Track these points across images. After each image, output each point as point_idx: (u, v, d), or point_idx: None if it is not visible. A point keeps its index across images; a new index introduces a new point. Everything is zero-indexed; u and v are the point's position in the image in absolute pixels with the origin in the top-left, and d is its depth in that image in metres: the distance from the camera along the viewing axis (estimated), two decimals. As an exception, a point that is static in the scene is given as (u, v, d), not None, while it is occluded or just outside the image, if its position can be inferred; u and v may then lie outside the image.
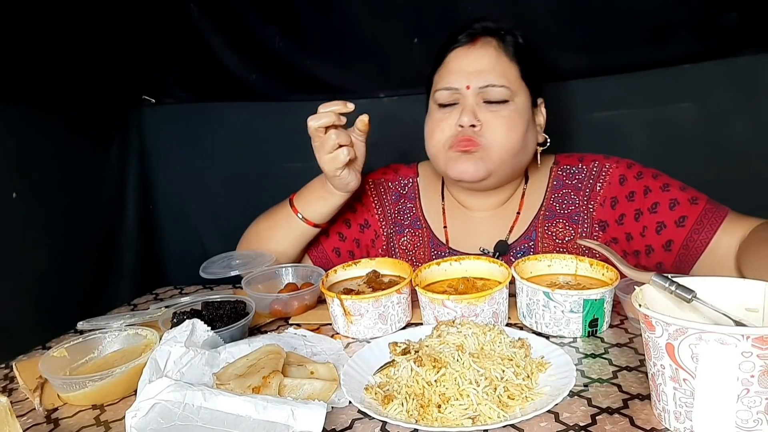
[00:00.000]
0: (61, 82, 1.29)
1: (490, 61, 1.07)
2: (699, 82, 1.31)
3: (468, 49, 1.09)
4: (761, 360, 0.55)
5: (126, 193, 1.54)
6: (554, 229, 1.14)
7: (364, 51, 1.44)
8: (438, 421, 0.66)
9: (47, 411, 0.79)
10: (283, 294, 1.06)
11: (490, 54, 1.08)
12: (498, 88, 1.05)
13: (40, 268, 1.22)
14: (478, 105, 1.07)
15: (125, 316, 1.10)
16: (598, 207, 1.12)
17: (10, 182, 1.15)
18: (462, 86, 1.07)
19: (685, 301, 0.68)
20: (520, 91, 1.08)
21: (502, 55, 1.08)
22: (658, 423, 0.64)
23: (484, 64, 1.07)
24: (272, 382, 0.72)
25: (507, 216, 1.19)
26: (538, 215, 1.16)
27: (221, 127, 1.58)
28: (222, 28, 1.46)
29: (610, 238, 1.11)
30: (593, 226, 1.13)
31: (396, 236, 1.25)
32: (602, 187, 1.13)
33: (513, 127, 1.06)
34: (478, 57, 1.08)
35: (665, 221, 1.03)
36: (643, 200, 1.06)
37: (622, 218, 1.09)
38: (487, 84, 1.05)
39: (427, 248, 1.22)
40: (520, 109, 1.08)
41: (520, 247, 1.16)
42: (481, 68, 1.07)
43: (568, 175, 1.17)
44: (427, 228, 1.23)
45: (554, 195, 1.17)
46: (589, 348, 0.84)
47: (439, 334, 0.81)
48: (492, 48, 1.08)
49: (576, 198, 1.15)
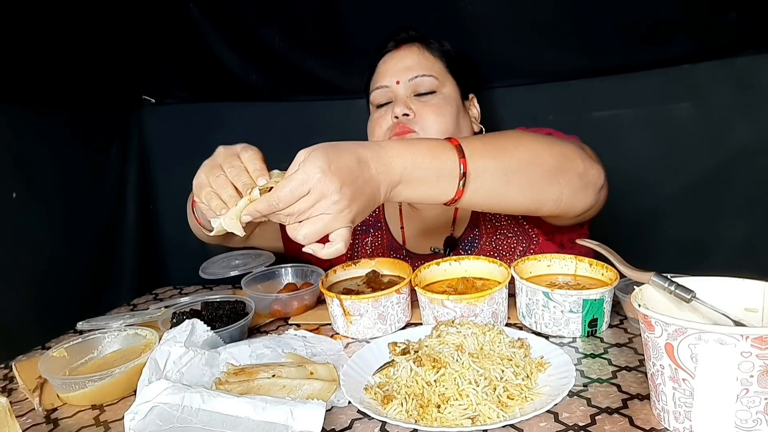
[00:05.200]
0: (61, 82, 1.29)
1: (416, 57, 1.15)
2: (699, 82, 1.31)
3: (395, 52, 1.18)
4: (760, 360, 0.55)
5: (126, 193, 1.54)
6: (492, 214, 1.17)
7: (364, 51, 1.43)
8: (437, 421, 0.66)
9: (47, 411, 0.79)
10: (283, 294, 1.06)
11: (414, 52, 1.16)
12: (425, 77, 1.13)
13: (40, 268, 1.22)
14: (410, 98, 1.13)
15: (125, 316, 1.10)
16: None
17: (10, 182, 1.15)
18: (392, 83, 1.14)
19: (685, 301, 0.68)
20: (447, 82, 1.16)
21: (426, 52, 1.17)
22: (657, 423, 0.64)
23: (410, 61, 1.15)
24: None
25: (450, 210, 1.21)
26: None
27: (221, 127, 1.58)
28: (222, 28, 1.46)
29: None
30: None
31: (361, 236, 1.26)
32: None
33: (443, 113, 1.12)
34: (404, 56, 1.16)
35: None
36: None
37: None
38: (415, 75, 1.13)
39: (386, 250, 1.23)
40: (449, 98, 1.14)
41: (467, 238, 1.17)
42: (408, 64, 1.15)
43: None
44: (386, 230, 1.25)
45: None
46: (588, 348, 0.84)
47: (438, 334, 0.81)
48: (416, 47, 1.17)
49: None
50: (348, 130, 1.54)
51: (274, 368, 0.79)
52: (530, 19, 1.27)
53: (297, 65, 1.47)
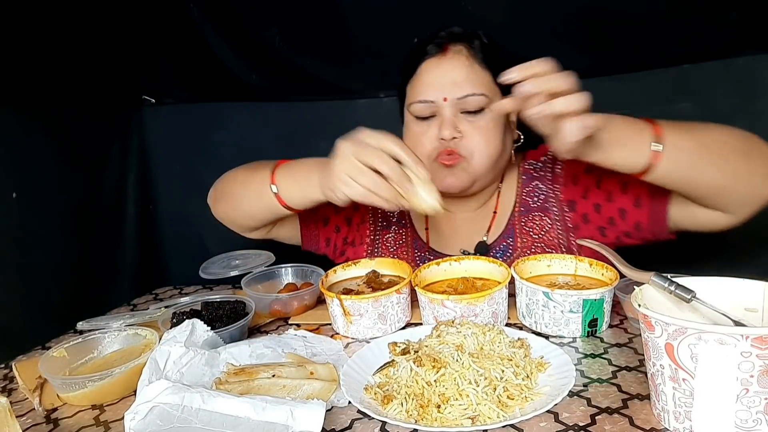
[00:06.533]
0: (61, 82, 1.29)
1: (464, 71, 1.06)
2: (699, 82, 1.31)
3: (440, 60, 1.08)
4: (760, 360, 0.55)
5: (126, 193, 1.54)
6: (531, 224, 1.15)
7: (364, 51, 1.43)
8: (437, 421, 0.66)
9: (47, 411, 0.79)
10: (283, 294, 1.07)
11: (462, 63, 1.07)
12: (475, 97, 1.05)
13: (41, 268, 1.22)
14: (456, 116, 1.06)
15: (125, 316, 1.10)
16: (562, 188, 1.13)
17: (10, 182, 1.15)
18: (439, 99, 1.06)
19: (685, 301, 0.68)
20: (496, 96, 1.08)
21: (475, 64, 1.07)
22: (657, 423, 0.64)
23: (458, 75, 1.06)
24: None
25: (486, 216, 1.19)
26: (513, 212, 1.17)
27: (221, 127, 1.58)
28: (222, 28, 1.46)
29: (581, 215, 1.11)
30: (563, 209, 1.13)
31: (382, 231, 1.25)
32: (561, 168, 1.14)
33: (492, 136, 1.07)
34: (451, 68, 1.07)
35: (626, 179, 1.02)
36: (599, 169, 1.01)
37: (587, 192, 1.09)
38: (465, 94, 1.05)
39: (410, 248, 1.22)
40: (497, 116, 1.08)
41: (500, 246, 1.16)
42: (455, 79, 1.06)
43: (534, 169, 1.19)
44: (411, 227, 1.24)
45: (525, 189, 1.18)
46: (588, 348, 0.84)
47: (438, 334, 0.81)
48: (463, 57, 1.08)
49: (543, 187, 1.16)
50: (348, 130, 1.53)
51: (274, 368, 0.79)
52: (530, 20, 1.27)
53: (297, 65, 1.47)
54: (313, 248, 1.28)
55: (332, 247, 1.27)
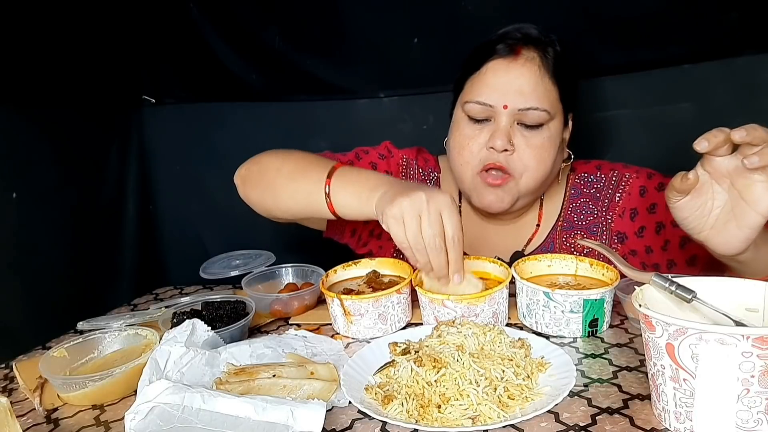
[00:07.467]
0: (61, 82, 1.29)
1: (532, 82, 0.99)
2: (699, 82, 1.31)
3: (509, 63, 1.00)
4: (761, 360, 0.55)
5: (126, 193, 1.54)
6: (572, 241, 1.11)
7: (364, 51, 1.44)
8: (438, 421, 0.66)
9: (47, 411, 0.79)
10: (283, 294, 1.06)
11: (533, 72, 0.99)
12: (538, 112, 0.98)
13: (41, 268, 1.22)
14: (512, 127, 1.00)
15: (125, 316, 1.10)
16: (616, 218, 1.09)
17: (10, 182, 1.15)
18: (499, 104, 0.99)
19: (685, 301, 0.68)
20: (558, 114, 1.02)
21: (545, 75, 1.00)
22: (658, 423, 0.64)
23: (525, 84, 0.99)
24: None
25: (522, 226, 1.16)
26: (555, 226, 1.13)
27: (221, 127, 1.58)
28: (222, 28, 1.46)
29: (629, 250, 1.08)
30: (612, 238, 1.10)
31: None
32: (621, 198, 1.09)
33: (546, 156, 1.01)
34: (520, 75, 0.99)
35: (687, 236, 0.90)
36: (665, 213, 0.99)
37: (642, 231, 1.05)
38: (528, 107, 0.98)
39: None
40: (554, 135, 1.02)
41: None
42: (522, 88, 0.99)
43: (586, 184, 1.13)
44: None
45: (572, 205, 1.13)
46: (589, 348, 0.84)
47: (439, 335, 0.81)
48: (535, 66, 1.00)
49: (594, 208, 1.11)
50: (348, 130, 1.54)
51: (274, 368, 0.79)
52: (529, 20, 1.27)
53: (297, 65, 1.47)
54: (337, 237, 1.23)
55: (356, 238, 1.23)
